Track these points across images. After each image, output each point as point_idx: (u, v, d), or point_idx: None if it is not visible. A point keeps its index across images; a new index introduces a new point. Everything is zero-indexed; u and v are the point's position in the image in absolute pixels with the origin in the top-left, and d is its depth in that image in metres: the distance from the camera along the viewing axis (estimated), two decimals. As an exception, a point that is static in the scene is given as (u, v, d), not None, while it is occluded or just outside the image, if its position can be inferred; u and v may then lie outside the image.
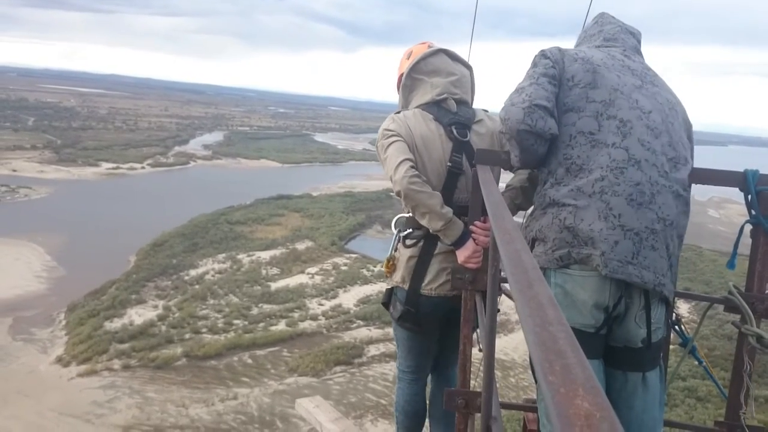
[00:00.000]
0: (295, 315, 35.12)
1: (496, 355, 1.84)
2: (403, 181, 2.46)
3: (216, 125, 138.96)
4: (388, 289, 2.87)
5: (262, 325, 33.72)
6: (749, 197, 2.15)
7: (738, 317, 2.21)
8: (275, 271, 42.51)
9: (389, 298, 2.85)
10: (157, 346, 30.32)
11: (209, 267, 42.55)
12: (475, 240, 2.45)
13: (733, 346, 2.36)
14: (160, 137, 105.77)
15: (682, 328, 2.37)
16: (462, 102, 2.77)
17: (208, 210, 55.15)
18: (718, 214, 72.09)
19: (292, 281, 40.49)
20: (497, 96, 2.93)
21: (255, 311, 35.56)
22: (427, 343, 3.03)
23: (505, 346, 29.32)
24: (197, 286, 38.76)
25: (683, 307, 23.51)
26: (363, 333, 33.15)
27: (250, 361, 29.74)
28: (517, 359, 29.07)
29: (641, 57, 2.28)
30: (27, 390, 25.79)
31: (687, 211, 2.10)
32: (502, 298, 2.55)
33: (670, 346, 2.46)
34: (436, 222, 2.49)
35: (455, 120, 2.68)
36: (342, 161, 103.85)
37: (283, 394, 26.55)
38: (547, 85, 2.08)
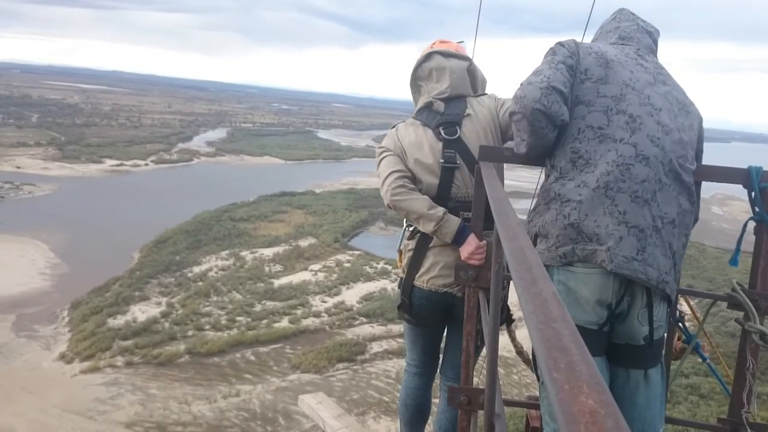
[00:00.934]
0: (298, 312, 35.07)
1: (499, 351, 1.84)
2: (387, 194, 2.65)
3: (219, 122, 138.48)
4: (400, 279, 2.99)
5: (264, 322, 33.69)
6: (753, 194, 2.15)
7: (741, 314, 2.21)
8: (278, 268, 42.46)
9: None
10: (160, 343, 30.34)
11: (212, 264, 42.54)
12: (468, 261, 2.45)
13: (736, 343, 2.36)
14: (163, 134, 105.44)
15: (686, 325, 2.37)
16: (454, 98, 2.81)
17: (211, 207, 55.05)
18: (721, 210, 71.89)
19: (295, 278, 40.43)
20: (500, 94, 2.93)
21: (258, 308, 35.53)
22: (429, 338, 3.06)
23: (508, 342, 29.03)
24: (200, 283, 38.73)
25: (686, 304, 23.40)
26: (366, 330, 33.10)
27: (252, 357, 29.74)
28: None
29: (655, 57, 2.27)
30: (30, 387, 25.85)
31: (692, 210, 2.10)
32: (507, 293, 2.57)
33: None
34: (428, 224, 2.60)
35: (442, 120, 2.76)
36: (345, 158, 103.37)
37: (285, 391, 26.55)
38: (565, 71, 2.07)
